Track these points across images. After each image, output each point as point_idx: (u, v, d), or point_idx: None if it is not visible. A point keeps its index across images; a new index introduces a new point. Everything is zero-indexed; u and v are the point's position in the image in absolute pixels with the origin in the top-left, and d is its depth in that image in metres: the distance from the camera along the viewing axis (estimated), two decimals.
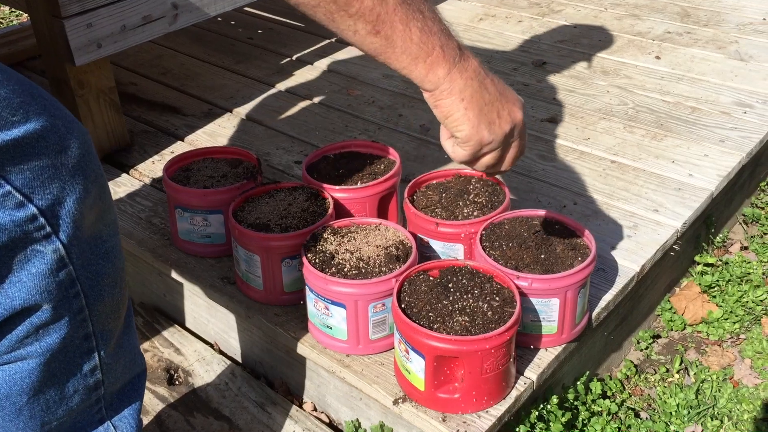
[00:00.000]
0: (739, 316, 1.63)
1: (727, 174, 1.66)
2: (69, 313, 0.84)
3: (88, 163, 0.83)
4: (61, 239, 0.81)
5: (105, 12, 1.61)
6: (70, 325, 0.85)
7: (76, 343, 0.87)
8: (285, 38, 2.45)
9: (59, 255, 0.81)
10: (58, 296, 0.82)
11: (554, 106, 1.97)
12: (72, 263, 0.82)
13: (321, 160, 1.49)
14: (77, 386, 0.90)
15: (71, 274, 0.83)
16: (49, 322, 0.83)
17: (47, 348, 0.84)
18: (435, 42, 0.82)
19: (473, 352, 1.06)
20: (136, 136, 1.90)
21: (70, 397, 0.90)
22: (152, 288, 1.59)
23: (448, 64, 0.83)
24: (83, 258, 0.84)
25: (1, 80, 0.75)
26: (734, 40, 2.27)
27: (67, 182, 0.80)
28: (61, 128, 0.80)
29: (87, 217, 0.83)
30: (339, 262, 1.20)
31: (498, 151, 0.91)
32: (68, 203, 0.80)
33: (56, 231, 0.80)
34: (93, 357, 0.90)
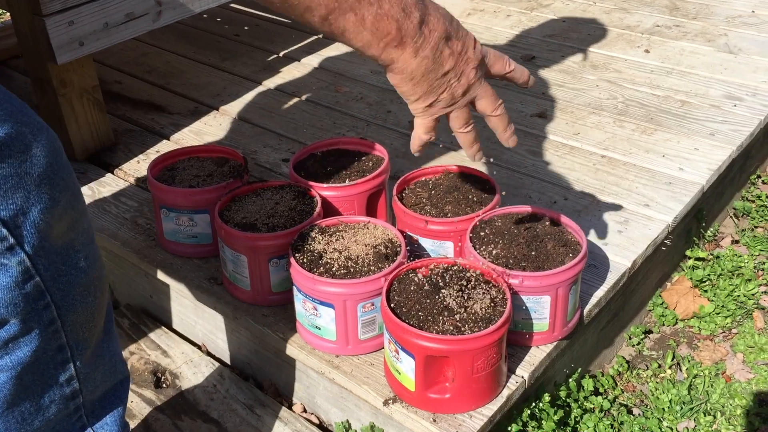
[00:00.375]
0: (730, 311, 1.62)
1: (717, 167, 1.65)
2: (39, 325, 0.82)
3: (57, 172, 0.80)
4: (26, 251, 0.78)
5: (87, 9, 1.59)
6: (41, 338, 0.82)
7: (49, 355, 0.85)
8: (271, 35, 2.43)
9: (24, 267, 0.78)
10: (26, 309, 0.80)
11: (543, 101, 1.95)
12: (39, 275, 0.80)
13: (308, 157, 1.47)
14: (53, 397, 0.88)
15: (39, 286, 0.80)
16: (18, 336, 0.80)
17: (18, 361, 0.82)
18: (390, 26, 0.82)
19: (464, 351, 1.05)
20: (121, 136, 1.88)
21: (46, 408, 0.88)
22: (138, 289, 1.57)
23: (402, 46, 0.83)
24: (53, 269, 0.81)
25: None
26: (723, 32, 2.27)
27: (32, 192, 0.77)
28: (27, 135, 0.77)
29: (56, 227, 0.81)
30: (327, 262, 1.18)
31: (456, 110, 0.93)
32: (33, 213, 0.78)
33: (20, 242, 0.77)
34: (68, 367, 0.88)
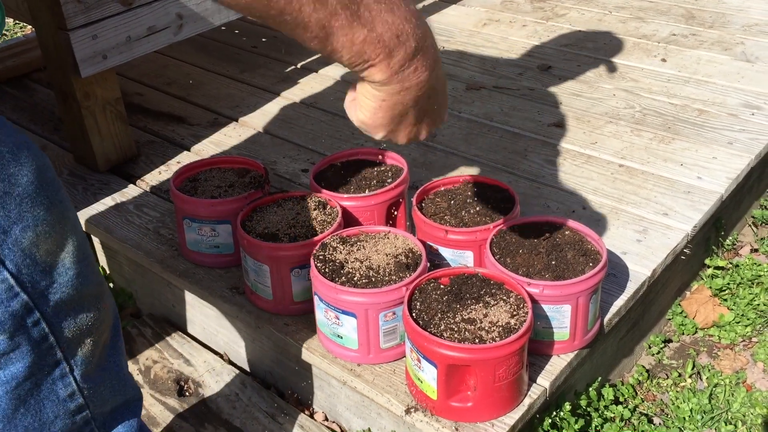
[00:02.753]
0: (750, 319, 1.61)
1: (736, 176, 1.65)
2: (29, 341, 0.82)
3: (41, 191, 0.80)
4: (9, 268, 0.78)
5: (110, 23, 1.61)
6: (33, 353, 0.83)
7: (45, 370, 0.85)
8: (289, 46, 2.45)
9: (8, 284, 0.78)
10: (13, 325, 0.80)
11: (560, 111, 1.96)
12: (26, 292, 0.80)
13: (328, 168, 1.49)
14: (57, 412, 0.88)
15: (27, 303, 0.80)
16: (7, 351, 0.81)
17: (11, 376, 0.82)
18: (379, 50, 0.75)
19: (485, 360, 1.06)
20: (143, 147, 1.90)
21: (51, 423, 0.88)
22: (161, 299, 1.58)
23: (388, 73, 0.76)
24: (41, 286, 0.81)
25: None
26: (740, 41, 2.27)
27: (13, 211, 0.77)
28: (4, 154, 0.76)
29: (42, 245, 0.81)
30: (349, 271, 1.20)
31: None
32: (15, 232, 0.78)
33: (2, 260, 0.77)
34: (68, 383, 0.88)
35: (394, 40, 0.74)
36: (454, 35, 2.44)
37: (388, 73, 0.75)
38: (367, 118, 0.80)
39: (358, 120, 0.82)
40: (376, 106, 0.79)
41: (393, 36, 0.74)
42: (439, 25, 2.53)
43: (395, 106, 0.78)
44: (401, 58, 0.75)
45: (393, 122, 0.80)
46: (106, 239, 1.62)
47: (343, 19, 0.71)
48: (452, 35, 2.44)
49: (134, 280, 1.64)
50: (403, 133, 0.83)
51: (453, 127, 1.91)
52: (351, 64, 0.75)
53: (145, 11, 1.67)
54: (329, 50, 0.74)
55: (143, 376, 1.44)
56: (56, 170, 1.82)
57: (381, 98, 0.78)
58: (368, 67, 0.75)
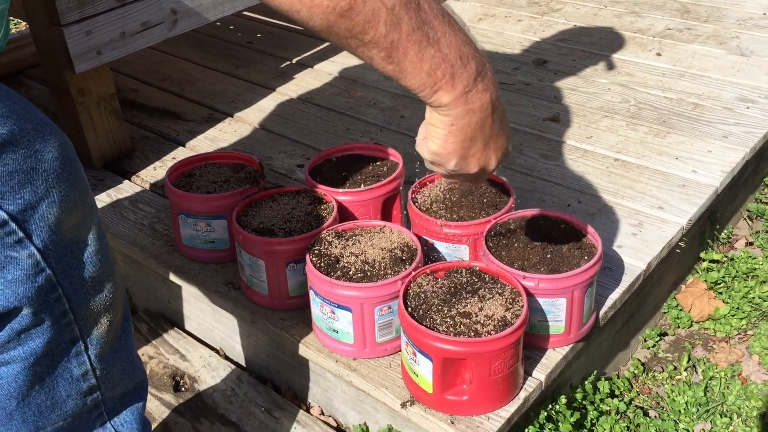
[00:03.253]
0: (746, 312, 1.62)
1: (731, 170, 1.65)
2: (51, 317, 0.83)
3: (65, 167, 0.81)
4: (36, 244, 0.79)
5: (104, 19, 1.61)
6: (53, 329, 0.84)
7: (62, 347, 0.86)
8: (284, 42, 2.45)
9: (35, 260, 0.80)
10: (38, 301, 0.81)
11: (556, 105, 1.96)
12: (51, 267, 0.81)
13: (324, 163, 1.49)
14: (69, 391, 0.89)
15: (51, 279, 0.82)
16: (29, 327, 0.82)
17: (30, 352, 0.83)
18: (446, 70, 0.78)
19: (481, 353, 1.06)
20: (138, 143, 1.90)
21: (63, 402, 0.89)
22: (156, 295, 1.58)
23: (455, 92, 0.79)
24: (64, 262, 0.83)
25: None
26: (735, 35, 2.27)
27: (40, 186, 0.78)
28: (30, 132, 0.78)
29: (66, 221, 0.82)
30: (344, 266, 1.20)
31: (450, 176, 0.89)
32: (42, 207, 0.79)
33: (29, 236, 0.79)
34: (83, 361, 0.89)
35: (458, 62, 0.77)
36: None
37: (455, 94, 0.78)
38: (439, 147, 0.83)
39: (429, 152, 0.85)
40: (446, 133, 0.81)
41: (457, 57, 0.77)
42: None
43: (463, 129, 0.81)
44: (466, 79, 0.78)
45: (463, 148, 0.83)
46: None
47: (415, 39, 0.75)
48: None
49: (130, 276, 1.64)
50: (474, 160, 0.85)
51: None
52: (421, 86, 0.78)
53: (139, 7, 1.66)
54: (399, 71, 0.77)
55: None
56: None
57: (450, 123, 0.80)
58: (436, 90, 0.78)
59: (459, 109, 0.80)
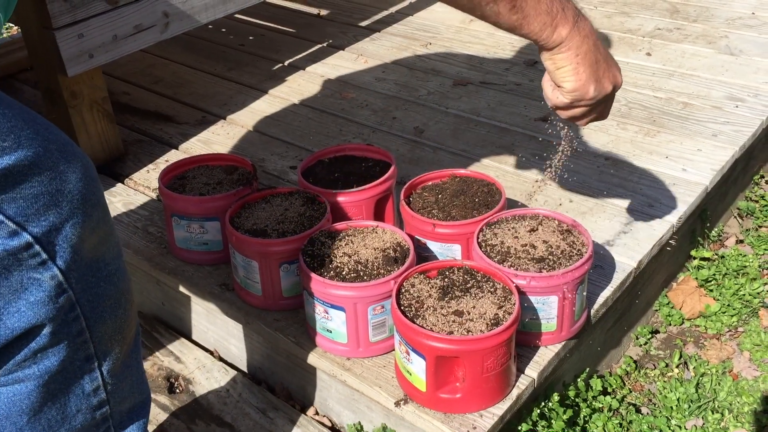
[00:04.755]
0: (736, 309, 1.63)
1: (720, 168, 1.66)
2: (68, 336, 0.84)
3: (88, 188, 0.82)
4: (59, 265, 0.80)
5: (96, 22, 1.61)
6: (69, 348, 0.84)
7: (77, 365, 0.87)
8: (276, 44, 2.46)
9: (57, 281, 0.80)
10: (57, 321, 0.81)
11: (547, 105, 1.97)
12: (71, 288, 0.82)
13: (316, 164, 1.49)
14: (79, 406, 0.89)
15: (71, 299, 0.82)
16: (47, 346, 0.82)
17: (45, 370, 0.83)
18: (557, 6, 0.88)
19: (473, 351, 1.07)
20: (130, 146, 1.90)
21: (72, 417, 0.89)
22: (150, 297, 1.59)
23: (569, 24, 0.89)
24: (83, 282, 0.83)
25: None
26: (724, 35, 2.29)
27: (64, 208, 0.79)
28: (54, 154, 0.78)
29: (87, 242, 0.83)
30: (337, 266, 1.20)
31: (589, 108, 0.98)
32: (66, 229, 0.79)
33: (53, 257, 0.79)
34: (95, 377, 0.89)
35: (558, 1, 0.89)
36: (441, 31, 2.45)
37: (569, 25, 0.89)
38: (575, 81, 0.92)
39: (568, 93, 0.94)
40: (575, 65, 0.91)
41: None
42: (426, 22, 2.54)
43: (587, 55, 0.91)
44: (572, 10, 0.90)
45: (594, 72, 0.92)
46: None
47: None
48: (439, 31, 2.45)
49: None
50: (606, 79, 0.94)
51: (440, 123, 1.92)
52: (543, 26, 0.88)
53: (131, 9, 1.67)
54: (523, 18, 0.87)
55: None
56: None
57: (575, 54, 0.90)
58: (556, 26, 0.88)
59: (576, 39, 0.89)
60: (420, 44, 2.37)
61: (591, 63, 0.92)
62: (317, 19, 2.66)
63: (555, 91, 0.97)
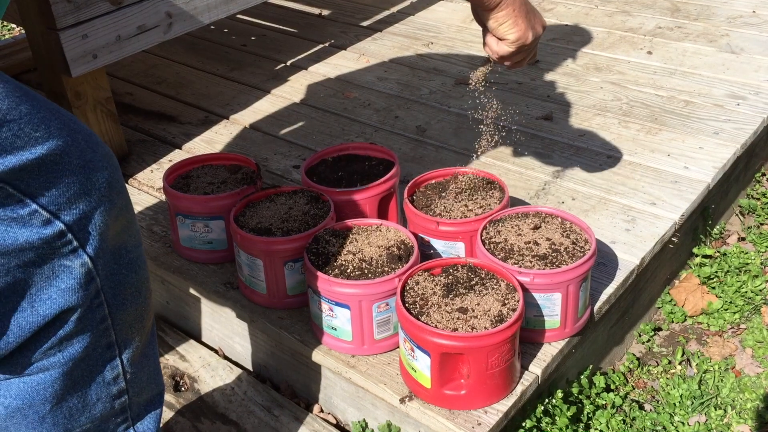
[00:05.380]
0: (738, 306, 1.64)
1: (722, 166, 1.67)
2: (92, 323, 0.85)
3: (113, 175, 0.83)
4: (89, 252, 0.81)
5: (100, 23, 1.62)
6: (92, 335, 0.85)
7: (99, 352, 0.88)
8: (278, 44, 2.46)
9: (87, 268, 0.81)
10: (85, 308, 0.83)
11: (549, 104, 1.98)
12: (98, 275, 0.83)
13: (320, 163, 1.50)
14: (100, 394, 0.90)
15: (97, 285, 0.83)
16: (73, 334, 0.83)
17: (70, 358, 0.85)
18: None
19: (478, 348, 1.07)
20: (134, 146, 1.91)
21: (93, 405, 0.90)
22: (155, 296, 1.59)
23: None
24: (107, 269, 0.84)
25: (20, 97, 0.74)
26: (725, 33, 2.29)
27: (93, 196, 0.80)
28: (81, 143, 0.80)
29: (112, 229, 0.84)
30: (342, 264, 1.21)
31: (527, 51, 1.15)
32: (95, 217, 0.81)
33: (83, 245, 0.80)
34: (116, 365, 0.91)
35: None
36: (443, 31, 2.46)
37: None
38: (517, 32, 1.09)
39: (512, 43, 1.11)
40: (514, 18, 1.08)
41: None
42: (428, 21, 2.55)
43: (521, 8, 1.08)
44: None
45: (529, 20, 1.10)
46: None
47: None
48: (441, 31, 2.46)
49: None
50: (537, 25, 1.12)
51: (443, 122, 1.92)
52: None
53: (134, 10, 1.68)
54: None
55: None
56: None
57: (512, 10, 1.07)
58: None
59: None
60: (422, 44, 2.38)
61: (525, 14, 1.09)
62: (319, 19, 2.66)
63: (500, 44, 1.12)
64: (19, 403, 0.85)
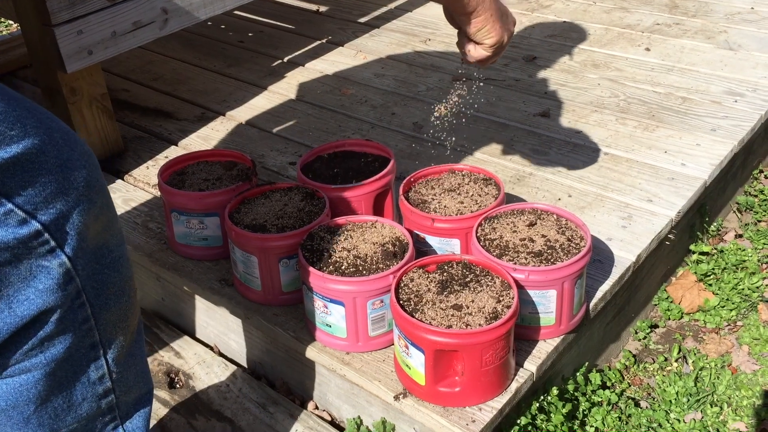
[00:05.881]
0: (735, 304, 1.63)
1: (719, 162, 1.67)
2: (74, 323, 0.84)
3: (91, 174, 0.82)
4: (67, 252, 0.80)
5: (95, 18, 1.61)
6: (74, 336, 0.85)
7: (82, 353, 0.87)
8: (275, 40, 2.46)
9: (65, 268, 0.81)
10: (65, 309, 0.82)
11: (546, 100, 1.98)
12: (78, 275, 0.82)
13: (315, 160, 1.49)
14: (85, 394, 0.90)
15: (77, 286, 0.83)
16: (54, 335, 0.83)
17: (52, 358, 0.84)
18: None
19: (472, 345, 1.07)
20: (130, 142, 1.91)
21: (78, 405, 0.90)
22: (150, 292, 1.59)
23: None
24: (89, 268, 0.84)
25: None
26: (723, 30, 2.29)
27: (71, 195, 0.79)
28: (59, 141, 0.79)
29: (92, 228, 0.83)
30: (336, 260, 1.21)
31: (502, 51, 1.18)
32: (73, 216, 0.80)
33: (61, 245, 0.80)
34: (101, 365, 0.90)
35: None
36: (440, 27, 2.45)
37: None
38: (495, 35, 1.12)
39: (490, 47, 1.14)
40: (492, 23, 1.10)
41: None
42: (425, 18, 2.54)
43: (495, 11, 1.10)
44: None
45: (503, 23, 1.12)
46: None
47: None
48: (438, 27, 2.45)
49: None
50: (511, 24, 1.16)
51: (439, 119, 1.92)
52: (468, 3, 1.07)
53: (130, 6, 1.67)
54: None
55: None
56: None
57: (489, 14, 1.09)
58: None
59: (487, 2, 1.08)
60: (419, 40, 2.37)
61: (499, 17, 1.11)
62: (316, 16, 2.66)
63: (478, 48, 1.14)
64: (3, 404, 0.85)
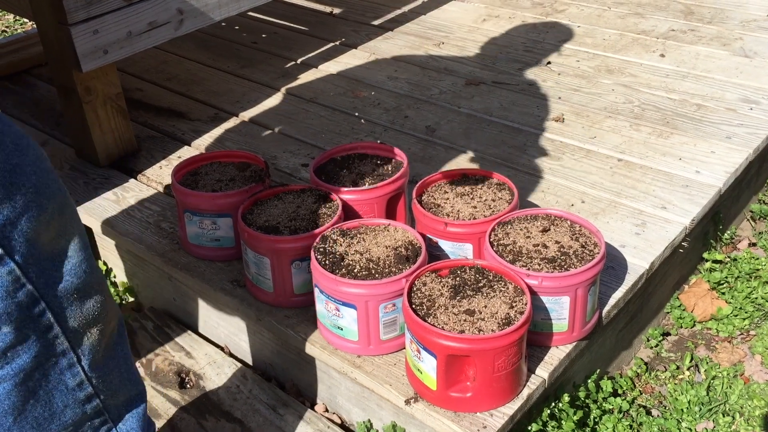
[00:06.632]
0: (748, 312, 1.62)
1: (734, 170, 1.66)
2: (36, 332, 0.82)
3: (42, 180, 0.80)
4: (16, 260, 0.78)
5: (111, 18, 1.62)
6: (40, 344, 0.83)
7: (53, 361, 0.86)
8: (289, 42, 2.46)
9: (15, 276, 0.79)
10: (20, 317, 0.80)
11: (560, 106, 1.97)
12: (32, 282, 0.80)
13: (328, 162, 1.49)
14: (66, 401, 0.89)
15: (32, 293, 0.81)
16: (15, 344, 0.81)
17: (19, 369, 0.83)
18: None
19: (485, 350, 1.06)
20: (143, 142, 1.91)
21: (61, 412, 0.89)
22: (162, 292, 1.59)
23: None
24: (46, 275, 0.82)
25: None
26: (739, 36, 2.27)
27: (19, 202, 0.77)
28: (9, 146, 0.77)
29: (44, 235, 0.81)
30: (349, 263, 1.21)
31: None
32: (21, 223, 0.78)
33: (9, 252, 0.78)
34: (77, 372, 0.89)
35: None
36: (454, 31, 2.45)
37: None
38: None
39: None
40: None
41: None
42: (439, 21, 2.54)
43: None
44: None
45: None
46: (107, 233, 1.62)
47: None
48: (452, 31, 2.45)
49: (135, 274, 1.65)
50: None
51: (453, 122, 1.91)
52: None
53: (145, 6, 1.67)
54: None
55: (145, 369, 1.45)
56: (58, 165, 1.83)
57: None
58: None
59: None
60: (433, 43, 2.37)
61: None
62: (330, 18, 2.66)
63: None
64: None
